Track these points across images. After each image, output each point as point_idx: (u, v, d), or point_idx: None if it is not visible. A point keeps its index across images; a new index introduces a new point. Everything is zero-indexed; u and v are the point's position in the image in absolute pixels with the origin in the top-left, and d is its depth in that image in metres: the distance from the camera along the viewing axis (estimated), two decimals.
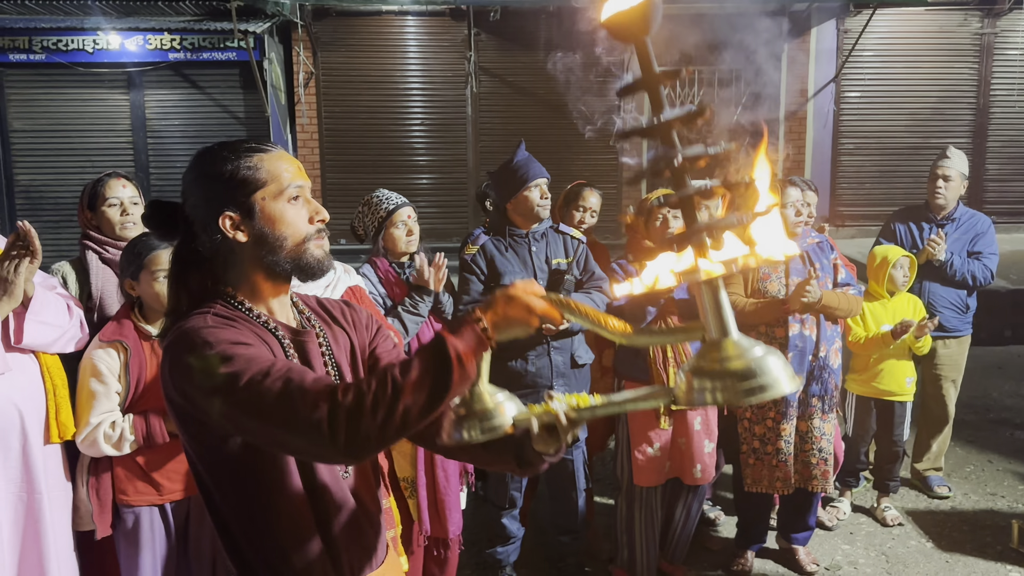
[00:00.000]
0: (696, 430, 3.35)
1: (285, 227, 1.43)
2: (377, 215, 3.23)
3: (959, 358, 4.35)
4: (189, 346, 1.30)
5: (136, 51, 9.05)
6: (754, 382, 1.11)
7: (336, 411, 1.17)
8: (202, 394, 1.28)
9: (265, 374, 1.23)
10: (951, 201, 4.25)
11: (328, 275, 2.82)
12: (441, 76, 9.58)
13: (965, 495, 4.38)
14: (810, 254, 3.49)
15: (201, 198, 1.42)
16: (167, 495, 2.61)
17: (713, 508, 4.15)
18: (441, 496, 3.09)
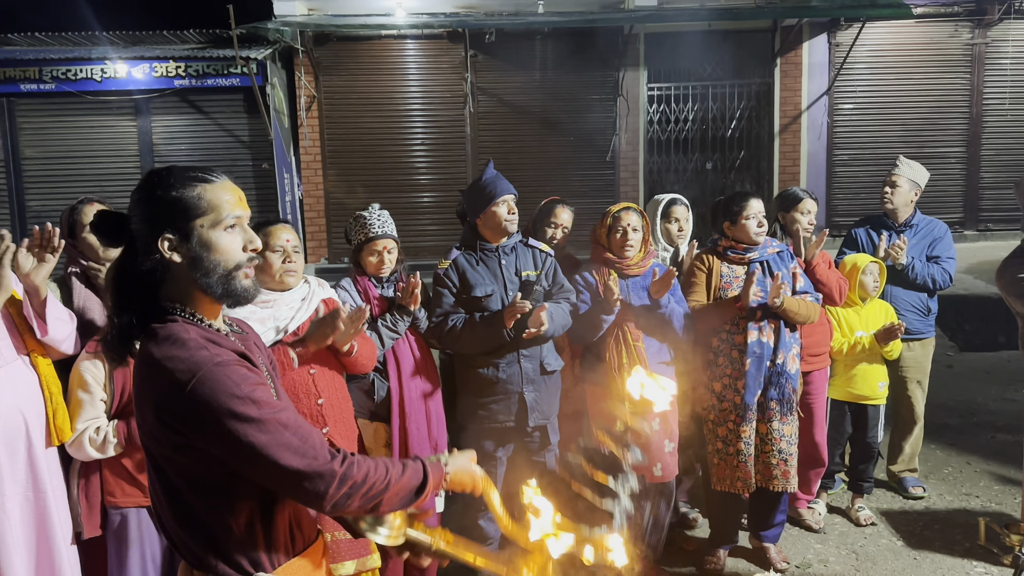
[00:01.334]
0: (655, 430, 3.52)
1: (219, 254, 1.58)
2: (358, 235, 3.43)
3: (924, 360, 4.49)
4: (211, 387, 1.45)
5: (143, 79, 9.35)
6: None
7: (344, 481, 1.52)
8: (213, 435, 1.46)
9: (285, 426, 1.49)
10: (900, 207, 4.43)
11: (303, 289, 3.03)
12: (440, 97, 9.83)
13: (940, 495, 4.50)
14: (770, 263, 3.66)
15: (145, 217, 1.56)
16: None
17: (692, 510, 4.30)
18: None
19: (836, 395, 4.25)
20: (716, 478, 3.69)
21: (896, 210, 4.46)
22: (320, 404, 2.86)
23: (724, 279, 3.69)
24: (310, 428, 1.53)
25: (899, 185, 4.44)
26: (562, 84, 9.78)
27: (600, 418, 3.57)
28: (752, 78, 9.86)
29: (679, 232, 4.17)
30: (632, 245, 3.56)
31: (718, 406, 3.66)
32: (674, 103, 9.86)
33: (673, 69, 9.78)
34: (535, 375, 3.47)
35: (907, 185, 4.44)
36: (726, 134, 9.93)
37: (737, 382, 3.60)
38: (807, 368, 3.94)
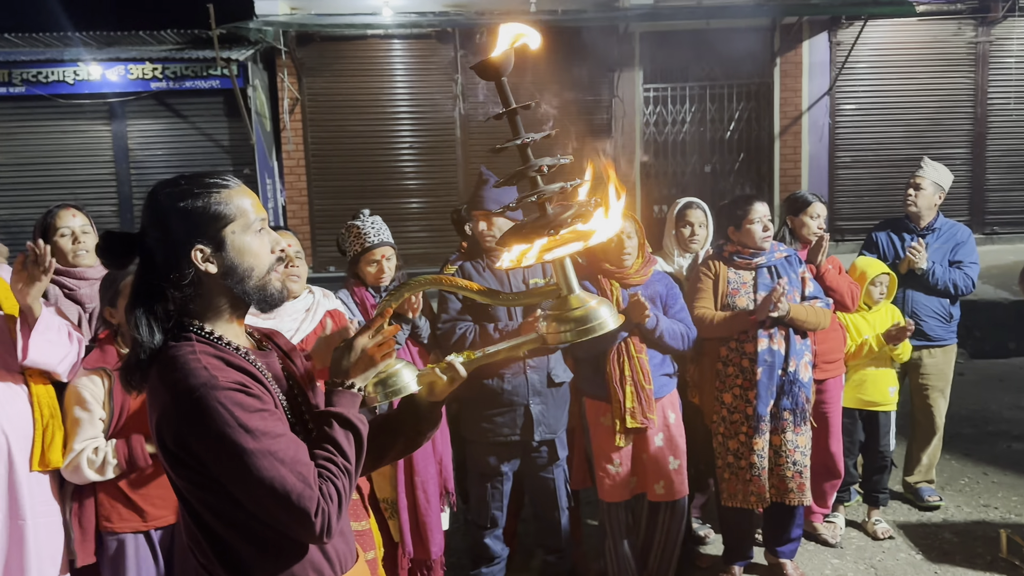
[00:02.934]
0: (657, 446, 3.53)
1: (252, 258, 1.60)
2: (354, 246, 3.43)
3: (945, 367, 4.52)
4: (206, 413, 1.45)
5: (118, 81, 9.31)
6: (590, 324, 1.64)
7: (327, 514, 1.50)
8: (211, 462, 1.47)
9: (282, 461, 1.46)
10: (923, 210, 4.47)
11: (307, 299, 3.03)
12: (428, 99, 9.84)
13: (958, 507, 4.53)
14: (778, 268, 3.69)
15: (169, 232, 1.56)
16: (152, 521, 2.76)
17: (703, 526, 4.31)
18: (422, 517, 3.26)
19: (847, 402, 4.26)
20: (727, 494, 3.70)
21: (919, 213, 4.50)
22: None
23: (731, 285, 3.71)
24: (307, 462, 1.51)
25: (923, 188, 4.48)
26: (557, 85, 9.81)
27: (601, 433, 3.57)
28: (751, 78, 9.94)
29: (692, 238, 4.15)
30: (629, 253, 3.56)
31: (728, 418, 3.67)
32: (671, 104, 9.93)
33: (670, 69, 9.85)
34: (542, 387, 3.47)
35: (931, 188, 4.48)
36: (725, 136, 10.00)
37: (748, 392, 3.61)
38: (821, 376, 3.96)
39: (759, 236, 3.66)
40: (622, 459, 3.55)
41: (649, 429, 3.52)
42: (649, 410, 3.49)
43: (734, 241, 3.78)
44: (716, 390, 3.70)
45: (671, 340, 3.52)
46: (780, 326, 3.60)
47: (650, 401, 3.50)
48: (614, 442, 3.52)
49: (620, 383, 3.49)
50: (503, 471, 3.53)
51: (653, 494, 3.57)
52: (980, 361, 7.56)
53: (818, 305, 3.68)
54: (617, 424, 3.51)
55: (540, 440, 3.49)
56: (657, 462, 3.55)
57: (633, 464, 3.58)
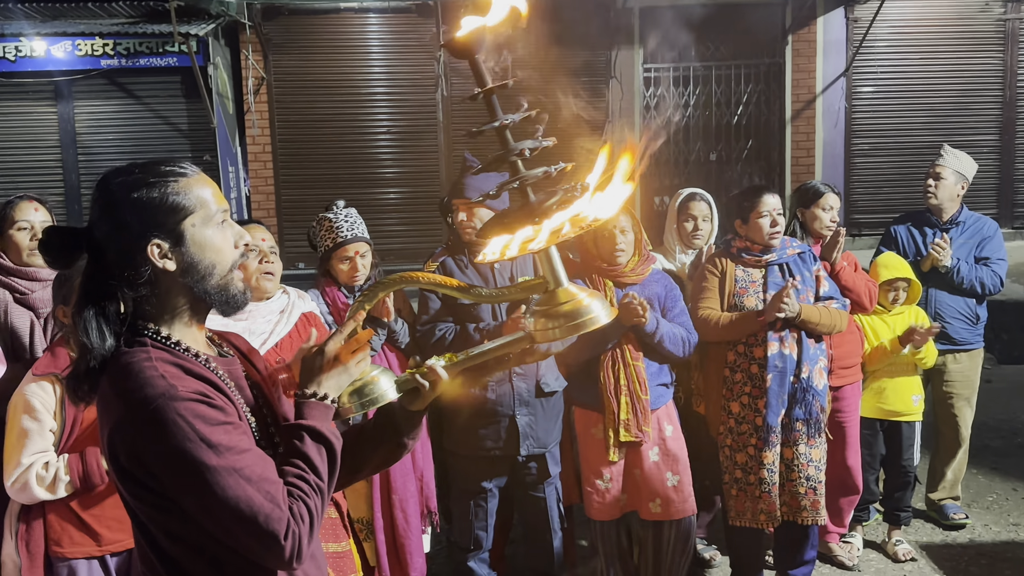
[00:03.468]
0: (652, 461, 3.53)
1: (214, 253, 1.60)
2: (325, 241, 3.41)
3: (971, 374, 4.55)
4: (165, 427, 1.43)
5: (64, 58, 9.22)
6: (581, 319, 1.64)
7: (298, 536, 1.48)
8: (169, 479, 1.45)
9: (248, 479, 1.44)
10: (945, 202, 4.50)
11: (281, 300, 3.01)
12: (408, 79, 9.81)
13: (985, 526, 4.56)
14: (790, 265, 3.70)
15: (121, 225, 1.54)
16: (107, 546, 2.73)
17: (708, 547, 4.32)
18: (401, 539, 3.25)
19: (866, 412, 4.29)
20: (735, 512, 3.70)
21: (940, 206, 4.52)
22: None
23: (739, 284, 3.72)
24: (276, 479, 1.50)
25: (944, 177, 4.51)
26: (548, 65, 9.79)
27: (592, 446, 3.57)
28: (760, 58, 9.96)
29: (695, 232, 4.15)
30: (623, 250, 3.55)
31: (736, 429, 3.68)
32: (673, 86, 9.93)
33: (672, 48, 9.85)
34: (530, 396, 3.46)
35: (953, 177, 4.50)
36: (731, 121, 10.01)
37: (757, 401, 3.62)
38: (837, 382, 3.97)
39: (767, 231, 3.67)
40: (613, 475, 3.55)
41: (643, 443, 3.53)
42: (644, 423, 3.50)
43: (742, 236, 3.78)
44: (723, 399, 3.71)
45: (671, 345, 3.52)
46: (792, 328, 3.61)
47: (646, 413, 3.50)
48: (606, 456, 3.53)
49: (614, 392, 3.49)
50: (487, 488, 3.53)
51: (648, 512, 3.58)
52: (1009, 367, 7.61)
53: (834, 306, 3.69)
54: (610, 437, 3.51)
55: (527, 455, 3.48)
56: (651, 479, 3.55)
57: (624, 480, 3.58)
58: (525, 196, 1.64)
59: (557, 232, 1.57)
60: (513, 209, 1.64)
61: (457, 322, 3.44)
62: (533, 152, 1.68)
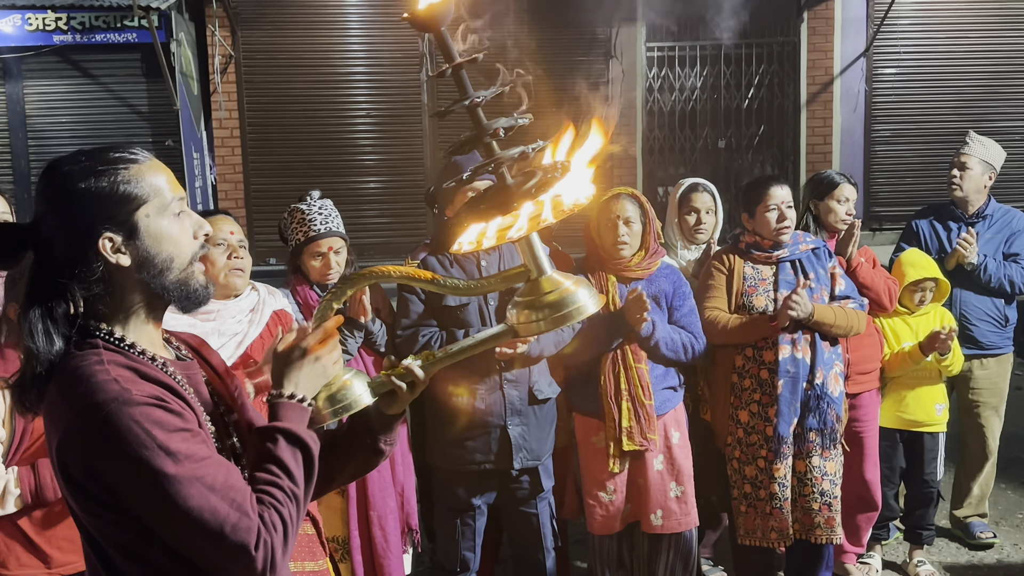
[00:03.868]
0: (656, 470, 3.55)
1: (172, 246, 1.59)
2: (296, 235, 3.41)
3: (999, 380, 4.57)
4: (119, 434, 1.42)
5: (13, 33, 9.18)
6: (567, 309, 1.63)
7: (270, 546, 1.48)
8: (125, 491, 1.45)
9: (211, 488, 1.44)
10: (971, 194, 4.52)
11: (251, 298, 3.01)
12: (390, 58, 9.80)
13: (1015, 546, 4.59)
14: (803, 262, 3.70)
15: (69, 219, 1.53)
16: (57, 568, 2.72)
17: (714, 568, 4.33)
18: (379, 559, 3.26)
19: (885, 422, 4.30)
20: (744, 530, 3.72)
21: (966, 198, 4.54)
22: None
23: (748, 282, 3.73)
24: (242, 488, 1.50)
25: (969, 167, 4.52)
26: (541, 42, 9.81)
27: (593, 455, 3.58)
28: (773, 36, 9.98)
29: (697, 227, 4.16)
30: (626, 242, 3.57)
31: (745, 440, 3.70)
32: (679, 67, 9.94)
33: (678, 24, 9.86)
34: (522, 405, 3.47)
35: (979, 167, 4.52)
36: (742, 105, 10.03)
37: (768, 409, 3.63)
38: (854, 389, 3.98)
39: (774, 225, 3.68)
40: (616, 486, 3.56)
41: (648, 451, 3.54)
42: (649, 429, 3.51)
43: (749, 231, 3.79)
44: (731, 407, 3.72)
45: (668, 351, 3.53)
46: (805, 331, 3.62)
47: (650, 419, 3.51)
48: (607, 467, 3.54)
49: (615, 398, 3.50)
50: (475, 505, 3.53)
51: (649, 525, 3.59)
52: None
53: (850, 306, 3.70)
54: (611, 447, 3.51)
55: (521, 468, 3.49)
56: (655, 489, 3.57)
57: (628, 490, 3.59)
58: (502, 179, 1.65)
59: (537, 218, 1.57)
60: (488, 194, 1.65)
61: (442, 327, 3.43)
62: (509, 131, 1.69)
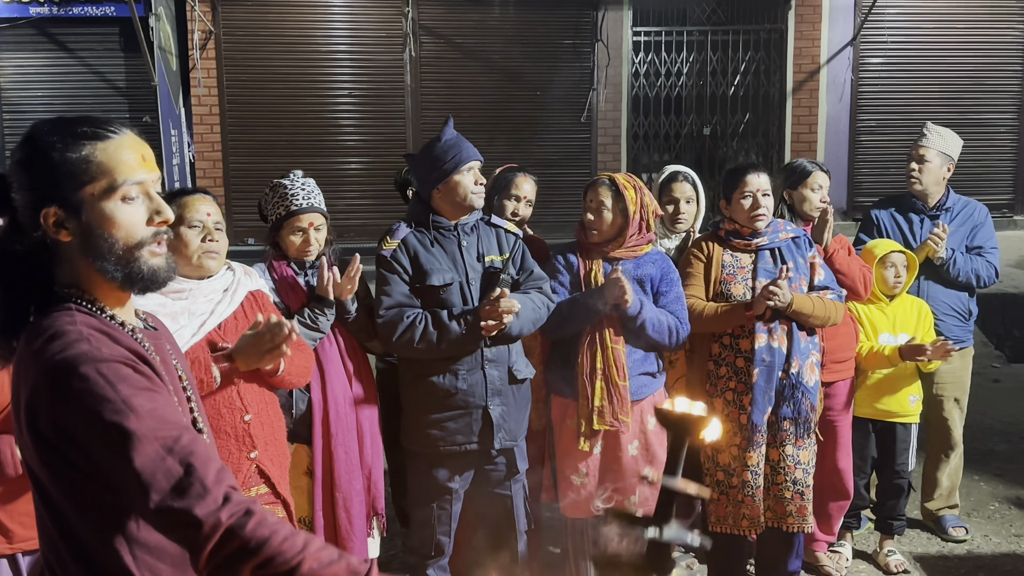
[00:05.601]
0: (631, 455, 3.57)
1: (116, 229, 1.58)
2: (277, 209, 3.41)
3: (963, 374, 4.61)
4: (82, 385, 1.45)
5: None
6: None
7: (231, 540, 1.43)
8: (102, 453, 1.45)
9: (170, 449, 1.44)
10: (930, 186, 4.53)
11: (226, 277, 3.00)
12: (373, 37, 9.77)
13: (986, 537, 4.64)
14: (783, 251, 3.73)
15: (24, 185, 1.57)
16: (18, 543, 2.74)
17: (685, 555, 4.36)
18: (343, 542, 3.27)
19: (859, 411, 4.32)
20: (716, 517, 3.75)
21: (925, 191, 4.55)
22: (247, 421, 2.82)
23: (726, 270, 3.75)
24: (207, 458, 1.50)
25: (928, 160, 4.51)
26: (527, 25, 9.79)
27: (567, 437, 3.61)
28: (760, 23, 10.00)
29: (676, 215, 4.16)
30: (595, 228, 3.64)
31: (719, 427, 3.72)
32: (665, 52, 9.95)
33: (664, 10, 9.87)
34: (502, 385, 3.48)
35: (938, 160, 4.51)
36: (728, 92, 10.06)
37: (743, 397, 3.66)
38: (828, 378, 4.01)
39: (748, 212, 3.70)
40: (589, 468, 3.58)
41: (623, 434, 3.56)
42: (622, 411, 3.53)
43: (727, 217, 3.81)
44: (706, 394, 3.73)
45: (655, 333, 3.55)
46: (782, 320, 3.65)
47: (623, 401, 3.53)
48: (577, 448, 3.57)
49: (590, 377, 3.53)
50: (453, 488, 3.54)
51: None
52: (1020, 366, 7.72)
53: (829, 297, 3.72)
54: (582, 425, 3.54)
55: (500, 448, 3.50)
56: (629, 474, 3.59)
57: (602, 475, 3.62)
58: None
59: None
60: None
61: (425, 307, 3.43)
62: None
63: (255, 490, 2.81)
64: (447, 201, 3.50)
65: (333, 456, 3.30)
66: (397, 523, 4.09)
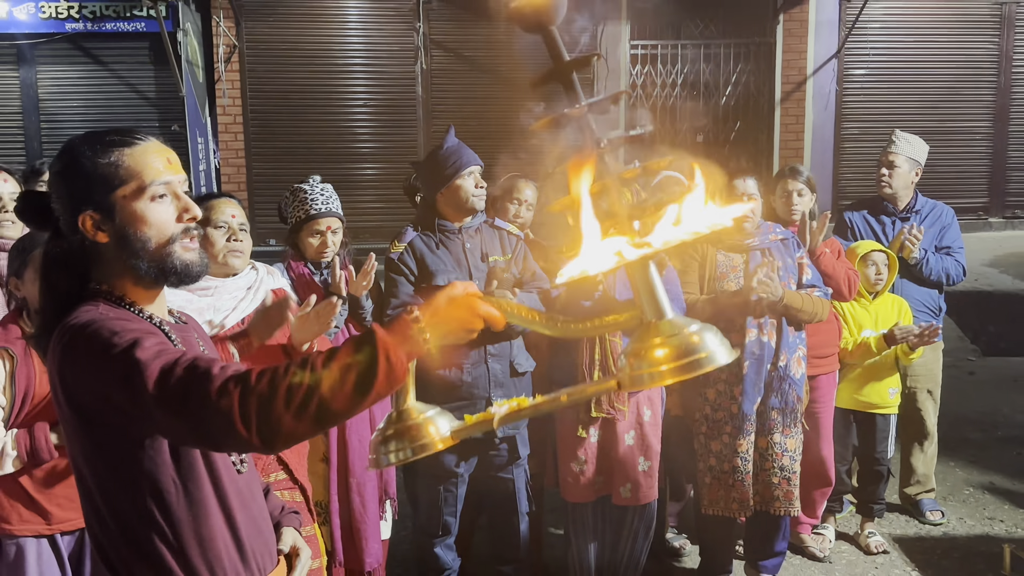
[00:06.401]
0: (627, 445, 3.58)
1: (147, 228, 1.62)
2: (297, 213, 3.42)
3: (934, 366, 4.61)
4: (93, 338, 1.49)
5: (27, 21, 9.13)
6: (692, 357, 1.30)
7: (247, 396, 1.33)
8: (115, 387, 1.46)
9: (174, 362, 1.42)
10: (899, 190, 4.53)
11: (250, 276, 3.02)
12: (386, 50, 9.77)
13: (960, 519, 4.64)
14: (772, 251, 3.73)
15: (62, 194, 1.62)
16: (57, 524, 2.74)
17: (678, 536, 4.37)
18: (357, 523, 3.28)
19: (841, 403, 4.33)
20: (708, 500, 3.76)
21: (895, 195, 4.55)
22: None
23: (720, 269, 3.75)
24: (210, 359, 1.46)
25: (897, 165, 4.52)
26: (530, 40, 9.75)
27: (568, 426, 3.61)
28: (751, 36, 9.98)
29: None
30: None
31: (711, 416, 3.73)
32: (660, 64, 9.94)
33: (660, 24, 9.85)
34: (504, 377, 3.50)
35: (907, 165, 4.52)
36: (720, 101, 10.05)
37: (733, 388, 3.66)
38: (812, 372, 4.00)
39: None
40: (588, 456, 3.59)
41: (619, 424, 3.57)
42: (618, 399, 3.54)
43: None
44: (699, 385, 3.74)
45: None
46: (772, 315, 3.65)
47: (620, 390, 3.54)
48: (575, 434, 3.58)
49: (588, 367, 3.53)
50: (459, 472, 3.56)
51: (619, 497, 3.63)
52: (994, 359, 7.70)
53: (816, 294, 3.73)
54: (579, 412, 3.55)
55: (502, 436, 3.52)
56: (625, 462, 3.59)
57: (600, 462, 3.62)
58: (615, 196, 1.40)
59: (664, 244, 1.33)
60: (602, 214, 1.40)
61: None
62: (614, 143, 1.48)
63: (274, 476, 2.82)
64: (450, 204, 3.52)
65: (348, 444, 3.31)
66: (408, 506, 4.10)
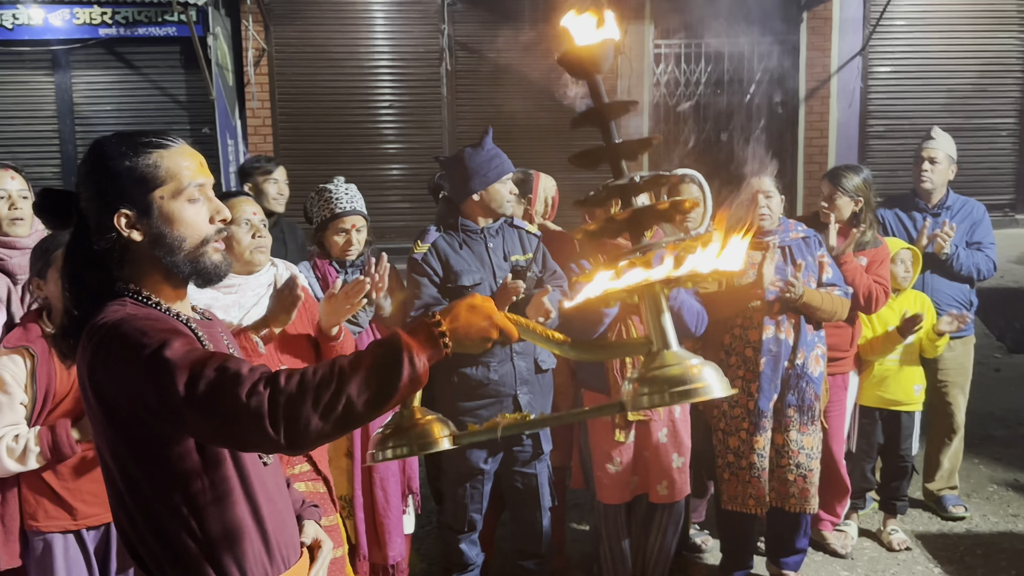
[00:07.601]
0: (662, 443, 3.57)
1: (184, 228, 1.64)
2: (323, 212, 3.46)
3: (965, 361, 4.58)
4: (125, 338, 1.49)
5: (62, 26, 9.25)
6: (689, 386, 1.42)
7: (277, 398, 1.37)
8: (145, 388, 1.46)
9: (204, 363, 1.42)
10: (939, 186, 4.51)
11: (270, 273, 3.06)
12: (412, 53, 9.80)
13: (984, 517, 4.60)
14: (792, 249, 3.71)
15: (96, 193, 1.63)
16: (82, 520, 2.78)
17: (700, 532, 4.37)
18: (380, 518, 3.31)
19: (866, 401, 4.32)
20: (727, 496, 3.76)
21: (934, 190, 4.53)
22: None
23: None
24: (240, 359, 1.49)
25: (938, 161, 4.50)
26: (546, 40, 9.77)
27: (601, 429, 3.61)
28: (775, 34, 9.91)
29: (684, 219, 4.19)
30: None
31: (729, 412, 3.73)
32: (684, 63, 9.91)
33: (684, 23, 9.81)
34: (529, 374, 3.52)
35: (945, 161, 4.51)
36: (744, 100, 9.99)
37: (751, 385, 3.66)
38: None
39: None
40: (622, 457, 3.59)
41: (653, 422, 3.57)
42: None
43: None
44: None
45: (688, 315, 3.54)
46: (790, 314, 3.64)
47: None
48: (613, 438, 3.57)
49: (620, 371, 3.53)
50: (485, 470, 3.57)
51: (656, 495, 3.63)
52: (1020, 356, 7.60)
53: (835, 294, 3.71)
54: (616, 417, 3.55)
55: (528, 432, 3.54)
56: (660, 459, 3.60)
57: (634, 462, 3.62)
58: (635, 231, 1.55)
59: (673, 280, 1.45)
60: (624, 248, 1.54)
61: None
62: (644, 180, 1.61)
63: (298, 467, 2.85)
64: (483, 207, 3.53)
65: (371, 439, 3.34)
66: (432, 501, 4.13)
